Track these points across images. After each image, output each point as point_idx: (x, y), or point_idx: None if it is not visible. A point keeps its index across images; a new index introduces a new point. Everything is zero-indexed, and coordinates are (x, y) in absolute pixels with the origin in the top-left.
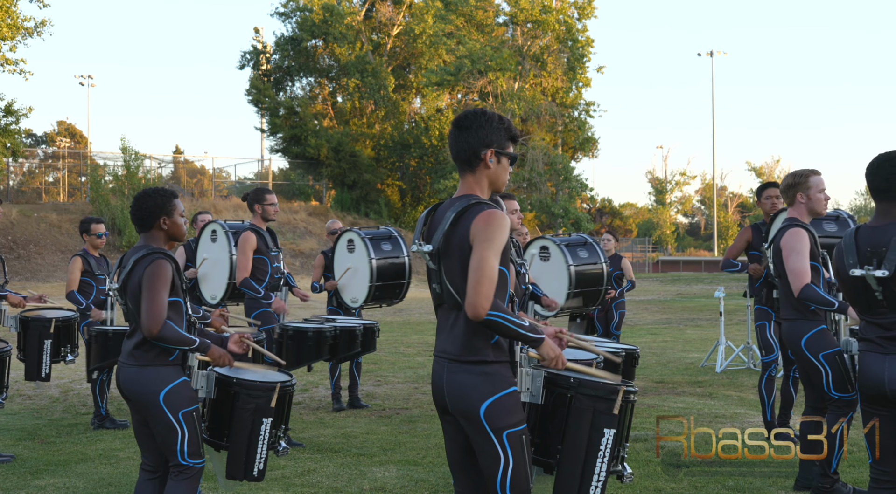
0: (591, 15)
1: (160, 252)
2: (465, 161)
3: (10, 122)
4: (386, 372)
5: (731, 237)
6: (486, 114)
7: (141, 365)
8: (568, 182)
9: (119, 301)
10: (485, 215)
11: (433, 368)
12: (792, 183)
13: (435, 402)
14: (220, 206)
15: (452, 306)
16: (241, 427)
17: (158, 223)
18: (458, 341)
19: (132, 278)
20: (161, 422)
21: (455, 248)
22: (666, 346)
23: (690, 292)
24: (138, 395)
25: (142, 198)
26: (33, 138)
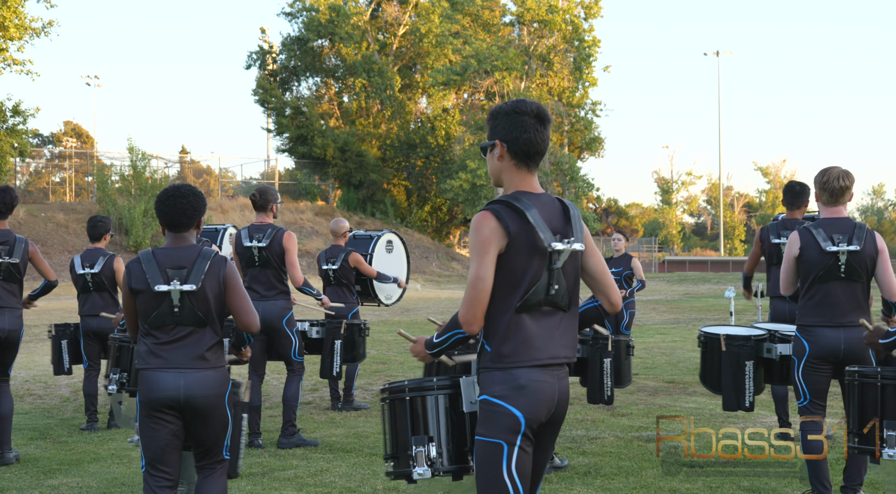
0: (598, 14)
1: (221, 254)
2: (542, 158)
3: (18, 123)
4: (395, 371)
5: (737, 237)
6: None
7: (215, 368)
8: (574, 182)
9: (175, 303)
10: (473, 220)
11: (537, 379)
12: (853, 181)
13: (532, 418)
14: (227, 206)
15: (561, 307)
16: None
17: (199, 222)
18: (572, 343)
19: (212, 279)
20: (220, 422)
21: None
22: (675, 346)
23: (698, 292)
24: (213, 398)
25: (187, 195)
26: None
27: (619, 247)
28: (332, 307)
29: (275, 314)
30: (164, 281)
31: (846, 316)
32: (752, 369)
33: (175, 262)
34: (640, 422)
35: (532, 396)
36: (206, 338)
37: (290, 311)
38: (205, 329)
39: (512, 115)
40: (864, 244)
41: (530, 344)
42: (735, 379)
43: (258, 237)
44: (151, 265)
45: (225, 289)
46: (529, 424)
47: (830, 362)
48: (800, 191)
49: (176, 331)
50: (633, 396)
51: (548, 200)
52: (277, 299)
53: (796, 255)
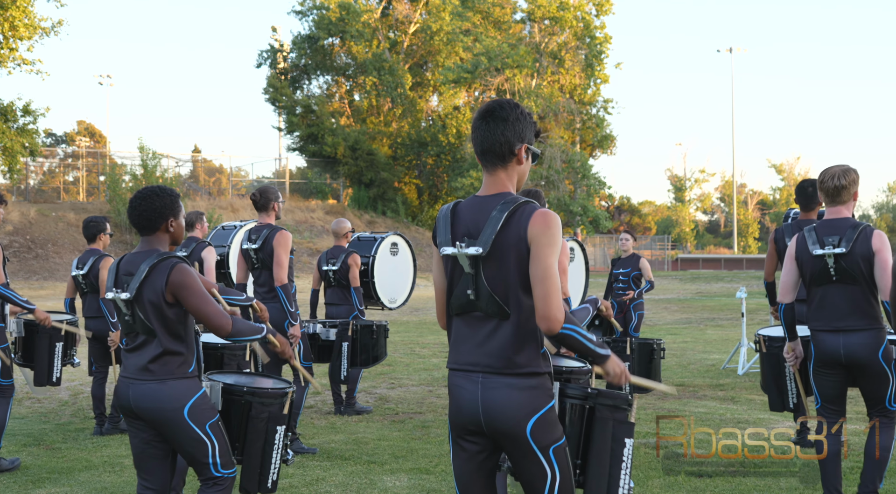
0: (609, 11)
1: (176, 256)
2: (497, 155)
3: (28, 122)
4: (400, 374)
5: (751, 234)
6: (519, 107)
7: (160, 380)
8: (586, 179)
9: (125, 311)
10: (541, 216)
11: (457, 384)
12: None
13: (457, 423)
14: (238, 205)
15: (491, 315)
16: (255, 437)
17: (166, 225)
18: (501, 353)
19: (149, 287)
20: (187, 438)
21: (507, 251)
22: (686, 347)
23: (710, 291)
24: (159, 412)
25: (148, 197)
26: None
27: (626, 247)
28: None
29: (274, 316)
30: (113, 287)
31: (844, 320)
32: (791, 370)
33: (128, 268)
34: (647, 428)
35: (451, 400)
36: (152, 349)
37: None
38: (155, 339)
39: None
40: (853, 245)
41: (455, 348)
42: (777, 381)
43: (254, 238)
44: (112, 271)
45: (177, 296)
46: (454, 427)
47: (836, 367)
48: (812, 192)
49: (135, 339)
50: (641, 400)
51: (485, 203)
52: (275, 302)
53: (794, 259)
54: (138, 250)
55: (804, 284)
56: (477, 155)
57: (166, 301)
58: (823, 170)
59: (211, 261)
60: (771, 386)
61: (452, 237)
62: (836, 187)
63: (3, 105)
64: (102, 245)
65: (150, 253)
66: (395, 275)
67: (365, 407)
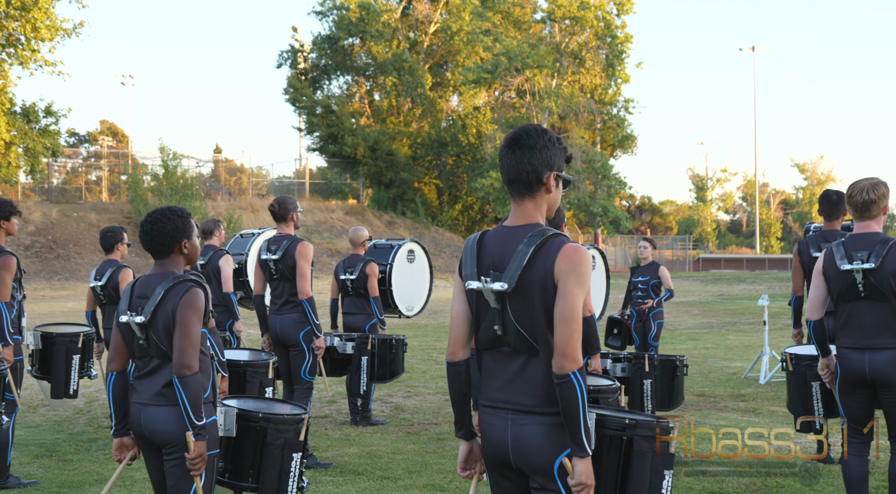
0: (630, 10)
1: (192, 279)
2: (524, 184)
3: (50, 123)
4: (416, 381)
5: (774, 234)
6: (547, 133)
7: (173, 405)
8: (607, 180)
9: (139, 335)
10: (571, 251)
11: (487, 421)
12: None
13: (489, 459)
14: (258, 205)
15: (519, 351)
16: (271, 464)
17: (179, 247)
18: (533, 391)
19: (163, 310)
20: (181, 466)
21: (534, 287)
22: (707, 354)
23: (732, 293)
24: (166, 435)
25: (159, 221)
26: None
27: (645, 254)
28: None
29: (291, 328)
30: (128, 310)
31: (871, 338)
32: (819, 390)
33: (143, 291)
34: None
35: (483, 437)
36: (166, 373)
37: (307, 326)
38: (169, 363)
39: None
40: (883, 261)
41: (485, 383)
42: (803, 400)
43: (273, 249)
44: (127, 293)
45: (175, 313)
46: (487, 463)
47: (862, 386)
48: (837, 201)
49: (149, 363)
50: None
51: (512, 234)
52: (293, 313)
53: (822, 274)
54: (153, 272)
55: (832, 300)
56: (505, 184)
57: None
58: (852, 183)
59: (228, 270)
60: (797, 405)
61: (478, 270)
62: (864, 201)
63: (25, 106)
64: (120, 255)
65: (165, 275)
66: (412, 283)
67: (381, 419)
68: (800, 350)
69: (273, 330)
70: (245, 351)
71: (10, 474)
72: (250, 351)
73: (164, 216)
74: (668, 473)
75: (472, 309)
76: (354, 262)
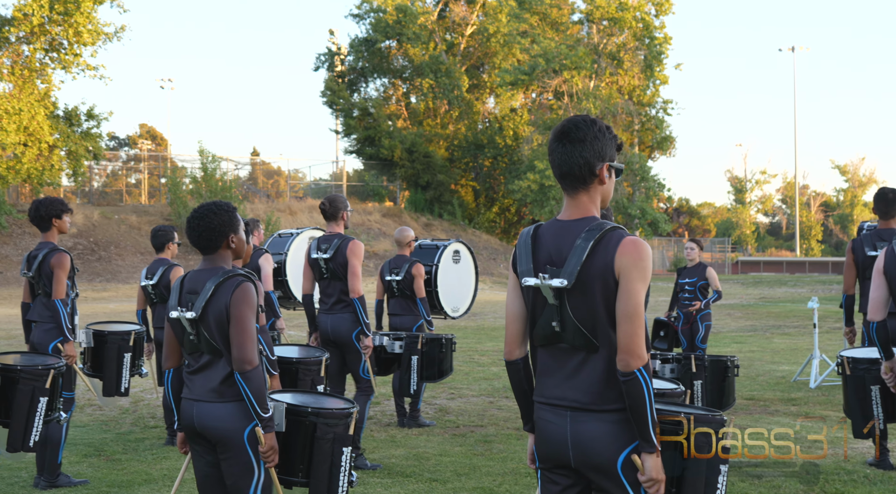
0: (669, 11)
1: (241, 274)
2: (577, 178)
3: (92, 126)
4: (460, 384)
5: (814, 237)
6: (597, 123)
7: (226, 401)
8: (645, 182)
9: (189, 330)
10: (631, 245)
11: (544, 418)
12: None
13: (545, 456)
14: (296, 208)
15: (578, 347)
16: (321, 459)
17: (227, 242)
18: (591, 388)
19: (214, 306)
20: (240, 462)
21: (594, 283)
22: (754, 357)
23: (774, 296)
24: (221, 432)
25: (206, 216)
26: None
27: (692, 256)
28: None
29: (343, 327)
30: (178, 305)
31: None
32: (878, 394)
33: (192, 287)
34: None
35: (538, 433)
36: (220, 370)
37: (359, 326)
38: (221, 359)
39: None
40: None
41: (541, 380)
42: (862, 405)
43: (324, 248)
44: (176, 289)
45: (229, 310)
46: (542, 460)
47: None
48: (893, 199)
49: (200, 359)
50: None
51: (568, 228)
52: (344, 312)
53: (883, 273)
54: (202, 268)
55: (894, 300)
56: (556, 178)
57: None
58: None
59: (268, 269)
60: (856, 410)
61: (535, 266)
62: None
63: (67, 110)
64: (171, 254)
65: (214, 270)
66: (457, 284)
67: (429, 421)
68: (857, 353)
69: (323, 330)
70: (296, 348)
71: (60, 472)
72: (300, 348)
73: (210, 211)
74: (724, 468)
75: (528, 305)
76: (400, 263)
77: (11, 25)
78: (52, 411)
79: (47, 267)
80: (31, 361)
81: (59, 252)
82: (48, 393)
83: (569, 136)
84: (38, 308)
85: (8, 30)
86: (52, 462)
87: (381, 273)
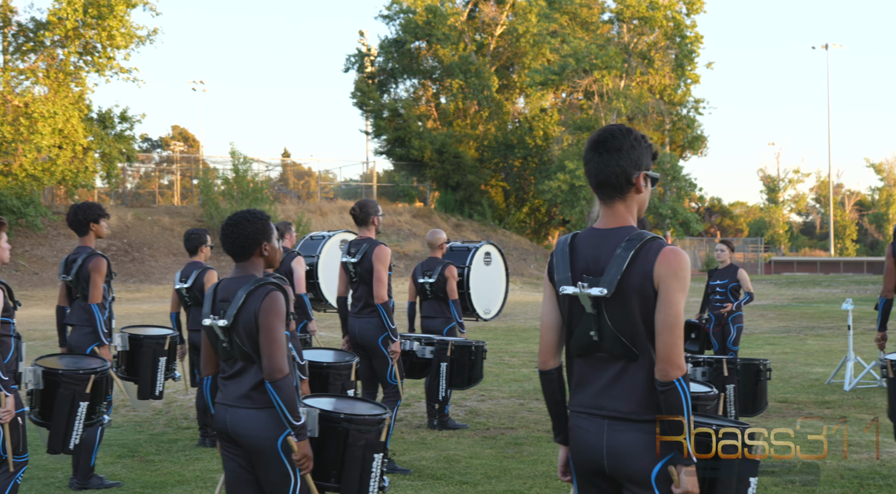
0: (701, 10)
1: (273, 282)
2: (614, 187)
3: (125, 129)
4: (490, 385)
5: (849, 236)
6: (633, 133)
7: (259, 408)
8: (676, 181)
9: (222, 338)
10: (670, 254)
11: (580, 425)
12: None
13: (580, 465)
14: (326, 209)
15: (617, 356)
16: (352, 465)
17: (259, 249)
18: (632, 397)
19: (245, 314)
20: (275, 470)
21: (633, 292)
22: (787, 359)
23: (808, 296)
24: (255, 440)
25: (239, 223)
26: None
27: (723, 257)
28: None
29: (370, 332)
30: (210, 313)
31: None
32: None
33: (225, 294)
34: None
35: (573, 442)
36: (251, 376)
37: (385, 331)
38: (253, 365)
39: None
40: None
41: (578, 389)
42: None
43: (353, 252)
44: (209, 297)
45: (257, 319)
46: (577, 468)
47: None
48: None
49: (234, 366)
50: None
51: (606, 237)
52: (371, 317)
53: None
54: (234, 275)
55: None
56: (592, 188)
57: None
58: None
59: (300, 272)
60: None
61: (573, 275)
62: None
63: (101, 112)
64: (204, 257)
65: (246, 278)
66: (489, 286)
67: (460, 424)
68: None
69: (352, 333)
70: (329, 352)
71: (94, 474)
72: (334, 352)
73: (244, 219)
74: (754, 480)
75: (564, 314)
76: (433, 265)
77: (46, 29)
78: (94, 414)
79: (85, 271)
80: (74, 364)
81: (97, 256)
82: (88, 398)
83: (605, 145)
84: (77, 311)
85: (43, 34)
86: (86, 463)
87: (414, 275)
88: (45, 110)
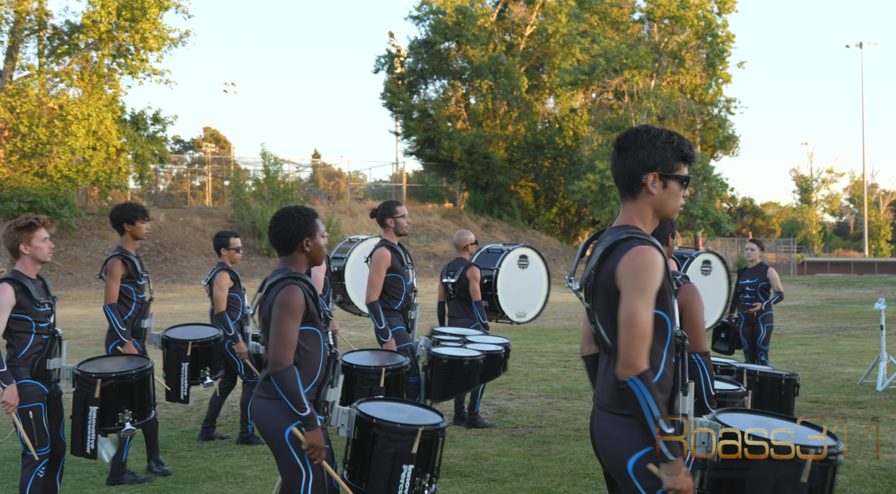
0: (732, 9)
1: (295, 276)
2: (625, 186)
3: (158, 130)
4: (518, 384)
5: (883, 237)
6: (649, 131)
7: (269, 398)
8: (707, 181)
9: (260, 328)
10: (634, 254)
11: (592, 414)
12: None
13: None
14: (356, 209)
15: (606, 350)
16: (379, 473)
17: (301, 245)
18: (609, 388)
19: (265, 304)
20: (286, 462)
21: (602, 290)
22: (818, 359)
23: (841, 297)
24: (265, 429)
25: (283, 217)
26: (181, 144)
27: (752, 257)
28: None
29: None
30: (251, 303)
31: None
32: None
33: (261, 285)
34: None
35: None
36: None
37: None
38: None
39: None
40: None
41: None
42: None
43: (368, 255)
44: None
45: (272, 311)
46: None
47: None
48: None
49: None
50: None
51: (605, 236)
52: None
53: None
54: (276, 268)
55: None
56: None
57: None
58: None
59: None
60: None
61: (576, 271)
62: None
63: (134, 114)
64: (229, 259)
65: (279, 271)
66: (524, 289)
67: (489, 422)
68: None
69: None
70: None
71: (126, 470)
72: (370, 353)
73: (288, 213)
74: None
75: None
76: (457, 266)
77: (80, 32)
78: (115, 421)
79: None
80: (97, 367)
81: (113, 257)
82: (98, 403)
83: (618, 145)
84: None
85: (77, 37)
86: (118, 459)
87: (442, 275)
88: (79, 112)
